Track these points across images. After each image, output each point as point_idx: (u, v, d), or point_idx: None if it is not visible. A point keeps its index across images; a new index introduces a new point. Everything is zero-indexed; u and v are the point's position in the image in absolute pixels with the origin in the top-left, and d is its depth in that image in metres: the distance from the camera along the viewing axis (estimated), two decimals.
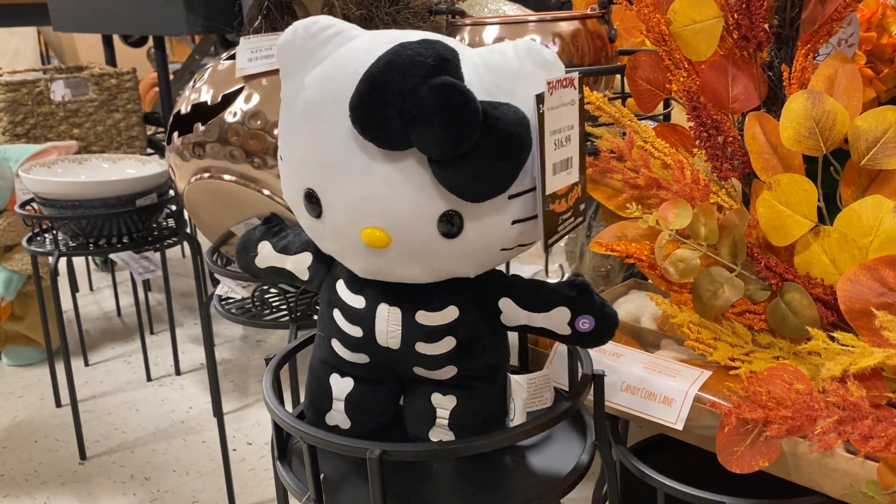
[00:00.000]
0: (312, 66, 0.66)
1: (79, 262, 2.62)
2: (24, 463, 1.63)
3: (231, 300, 1.32)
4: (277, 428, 0.74)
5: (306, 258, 0.76)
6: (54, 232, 1.60)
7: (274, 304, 1.32)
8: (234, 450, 1.63)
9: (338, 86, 0.63)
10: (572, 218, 0.71)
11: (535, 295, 0.72)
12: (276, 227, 0.80)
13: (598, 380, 0.74)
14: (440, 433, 0.74)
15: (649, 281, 1.14)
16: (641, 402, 0.85)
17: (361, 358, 0.74)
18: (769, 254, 0.90)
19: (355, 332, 0.72)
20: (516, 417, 0.76)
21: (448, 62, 0.61)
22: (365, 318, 0.71)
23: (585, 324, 0.72)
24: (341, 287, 0.73)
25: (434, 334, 0.70)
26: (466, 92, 0.59)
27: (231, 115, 1.10)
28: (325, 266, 0.75)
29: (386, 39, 0.65)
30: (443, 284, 0.70)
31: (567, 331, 0.72)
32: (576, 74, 0.66)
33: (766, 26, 0.95)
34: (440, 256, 0.67)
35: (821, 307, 0.85)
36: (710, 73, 0.97)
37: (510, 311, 0.72)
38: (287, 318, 1.25)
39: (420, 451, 0.67)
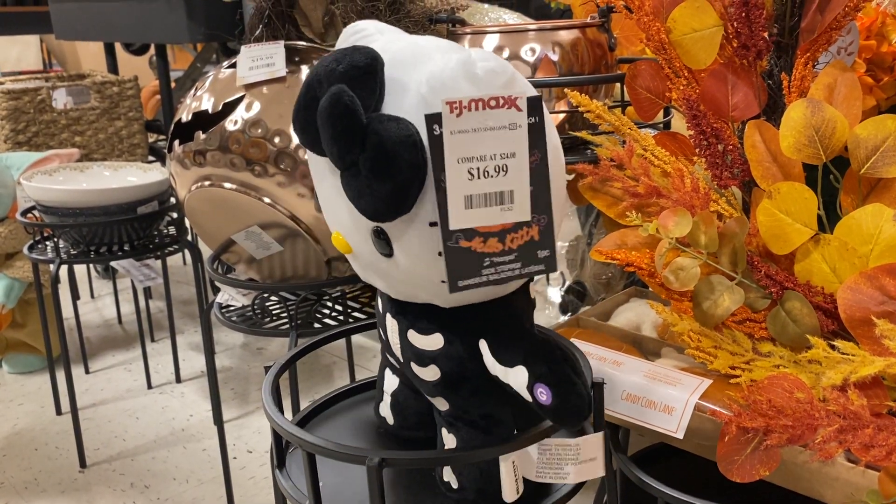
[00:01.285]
0: None
1: (80, 269, 2.63)
2: (24, 471, 1.63)
3: (231, 308, 1.32)
4: (277, 436, 0.74)
5: None
6: (55, 239, 1.61)
7: (274, 312, 1.32)
8: (235, 458, 1.63)
9: None
10: (516, 265, 0.59)
11: (508, 343, 0.64)
12: None
13: (597, 388, 0.74)
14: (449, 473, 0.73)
15: (650, 289, 1.13)
16: (642, 411, 0.84)
17: (395, 360, 0.75)
18: (769, 262, 0.90)
19: (382, 333, 0.75)
20: (506, 492, 0.67)
21: (359, 69, 0.58)
22: (381, 323, 0.74)
23: (543, 394, 0.62)
24: None
25: (421, 358, 0.68)
26: (349, 103, 0.56)
27: (232, 123, 1.10)
28: None
29: (392, 43, 0.65)
30: (431, 308, 0.67)
31: (528, 397, 0.63)
32: (524, 95, 0.56)
33: (766, 35, 0.95)
34: (391, 276, 0.65)
35: (821, 315, 0.85)
36: (709, 81, 0.97)
37: (487, 357, 0.66)
38: (287, 325, 1.25)
39: (419, 458, 0.67)
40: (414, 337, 0.69)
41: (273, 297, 1.34)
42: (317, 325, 1.27)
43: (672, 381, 0.85)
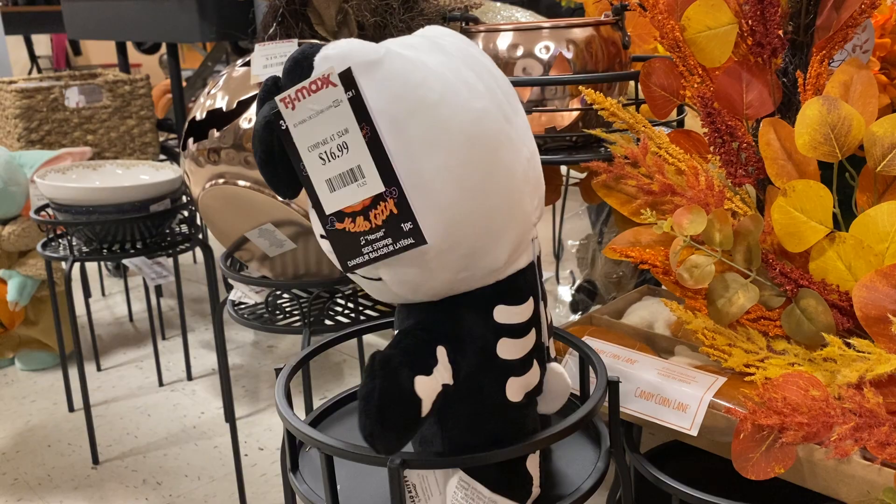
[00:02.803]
0: None
1: (91, 267, 2.64)
2: (37, 467, 1.64)
3: (244, 305, 1.32)
4: (291, 437, 0.72)
5: None
6: (68, 237, 1.61)
7: (287, 310, 1.32)
8: (246, 455, 1.64)
9: None
10: (387, 240, 0.59)
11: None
12: None
13: (612, 387, 0.73)
14: None
15: (662, 287, 1.13)
16: (656, 408, 0.84)
17: None
18: (784, 260, 0.90)
19: None
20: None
21: (288, 71, 0.60)
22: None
23: None
24: None
25: None
26: (260, 100, 0.61)
27: (246, 121, 1.11)
28: None
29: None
30: (400, 309, 0.68)
31: None
32: (333, 67, 0.56)
33: (781, 32, 0.95)
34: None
35: (836, 313, 0.85)
36: (724, 79, 0.97)
37: None
38: (300, 323, 1.26)
39: (439, 460, 0.65)
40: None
41: (285, 295, 1.34)
42: (329, 323, 1.27)
43: (686, 378, 0.85)
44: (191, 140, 1.17)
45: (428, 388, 0.59)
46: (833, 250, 0.86)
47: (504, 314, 0.64)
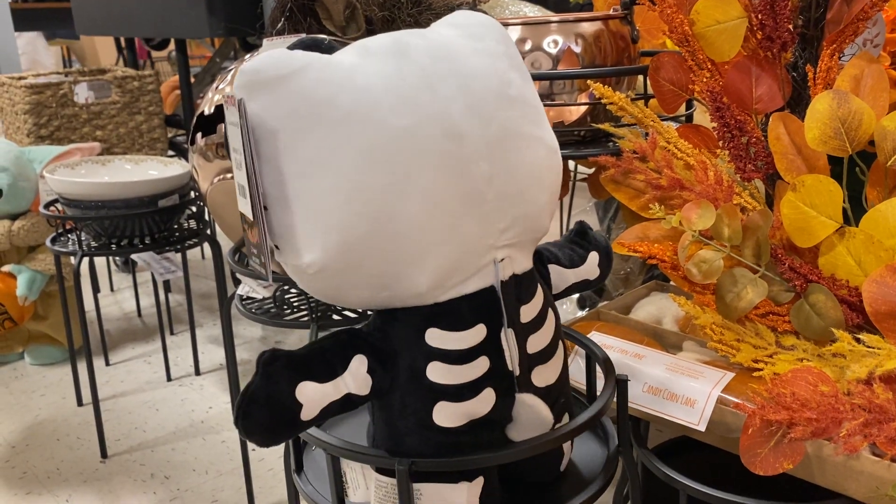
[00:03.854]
0: None
1: (99, 263, 2.65)
2: (46, 461, 1.65)
3: (252, 300, 1.32)
4: (295, 439, 0.71)
5: None
6: (77, 232, 1.62)
7: (294, 304, 1.32)
8: (254, 449, 1.64)
9: None
10: (258, 259, 0.61)
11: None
12: None
13: (621, 385, 0.72)
14: None
15: (670, 283, 1.13)
16: (663, 404, 0.84)
17: None
18: (793, 255, 0.90)
19: None
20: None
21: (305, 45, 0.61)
22: None
23: None
24: None
25: None
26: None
27: None
28: None
29: None
30: None
31: None
32: (234, 94, 0.57)
33: (791, 26, 0.94)
34: None
35: (846, 309, 0.84)
36: (733, 73, 0.97)
37: None
38: (307, 318, 1.26)
39: (447, 461, 0.62)
40: None
41: (293, 290, 1.34)
42: (336, 318, 1.27)
43: (694, 373, 0.85)
44: (199, 135, 1.18)
45: (316, 394, 0.58)
46: (843, 245, 0.86)
47: (437, 338, 0.60)
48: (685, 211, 0.88)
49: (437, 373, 0.60)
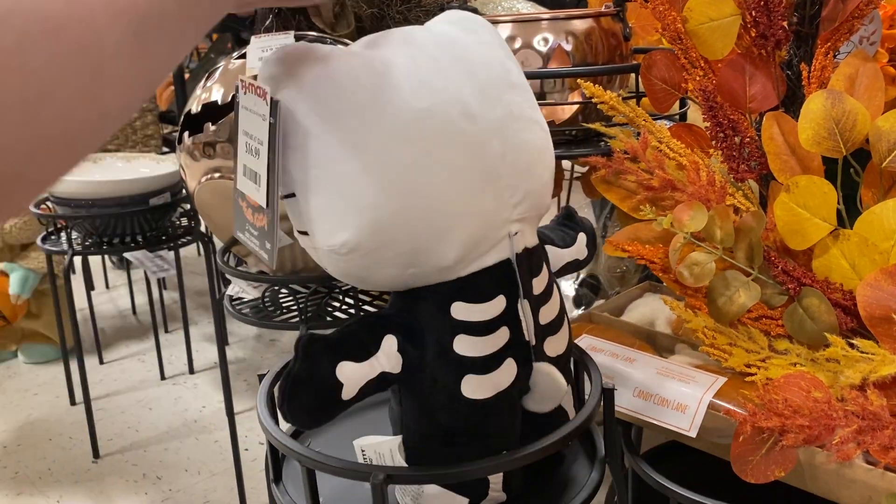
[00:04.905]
0: None
1: (95, 260, 2.64)
2: (38, 461, 1.64)
3: (243, 300, 1.31)
4: (272, 448, 0.70)
5: None
6: (69, 231, 1.61)
7: (285, 305, 1.31)
8: (247, 449, 1.63)
9: None
10: (258, 241, 0.64)
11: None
12: None
13: (607, 394, 0.71)
14: None
15: (665, 283, 1.12)
16: (654, 408, 0.83)
17: None
18: (787, 257, 0.88)
19: None
20: None
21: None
22: None
23: None
24: None
25: None
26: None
27: None
28: None
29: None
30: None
31: None
32: (268, 90, 0.59)
33: (785, 24, 0.93)
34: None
35: (840, 313, 0.83)
36: (726, 71, 0.95)
37: None
38: (297, 319, 1.24)
39: (423, 474, 0.64)
40: None
41: (284, 290, 1.33)
42: (328, 319, 1.26)
43: (686, 378, 0.83)
44: (186, 134, 1.16)
45: (355, 373, 0.61)
46: (837, 248, 0.85)
47: (462, 311, 0.63)
48: (677, 212, 0.86)
49: (464, 345, 0.63)
